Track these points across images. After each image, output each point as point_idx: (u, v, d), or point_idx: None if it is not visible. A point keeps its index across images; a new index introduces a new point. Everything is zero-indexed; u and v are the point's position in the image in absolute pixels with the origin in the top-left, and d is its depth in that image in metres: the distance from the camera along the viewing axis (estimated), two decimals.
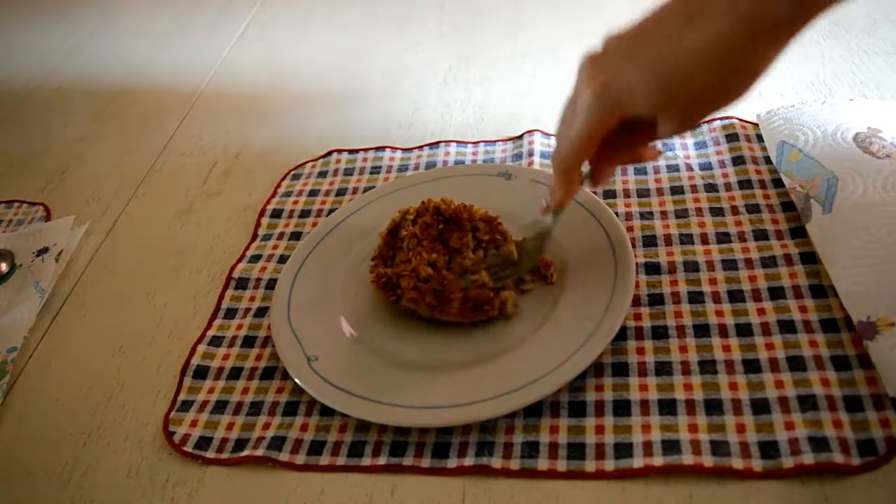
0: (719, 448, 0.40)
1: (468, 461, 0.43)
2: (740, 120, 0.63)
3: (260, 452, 0.45)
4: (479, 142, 0.69)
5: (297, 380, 0.48)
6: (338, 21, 0.99)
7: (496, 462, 0.42)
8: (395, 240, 0.54)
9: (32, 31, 1.15)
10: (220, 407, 0.49)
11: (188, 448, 0.47)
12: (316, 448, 0.46)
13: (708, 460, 0.40)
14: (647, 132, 0.40)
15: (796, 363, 0.43)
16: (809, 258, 0.49)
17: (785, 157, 0.54)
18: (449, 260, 0.52)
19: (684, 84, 0.36)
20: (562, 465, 0.41)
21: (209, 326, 0.56)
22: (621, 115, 0.39)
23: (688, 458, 0.40)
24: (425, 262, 0.50)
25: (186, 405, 0.50)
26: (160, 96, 0.91)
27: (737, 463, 0.39)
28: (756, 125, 0.62)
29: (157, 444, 0.49)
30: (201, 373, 0.52)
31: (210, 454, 0.47)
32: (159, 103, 0.89)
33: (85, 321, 0.61)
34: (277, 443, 0.46)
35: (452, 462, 0.43)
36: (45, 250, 0.67)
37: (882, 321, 0.42)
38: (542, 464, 0.42)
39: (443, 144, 0.69)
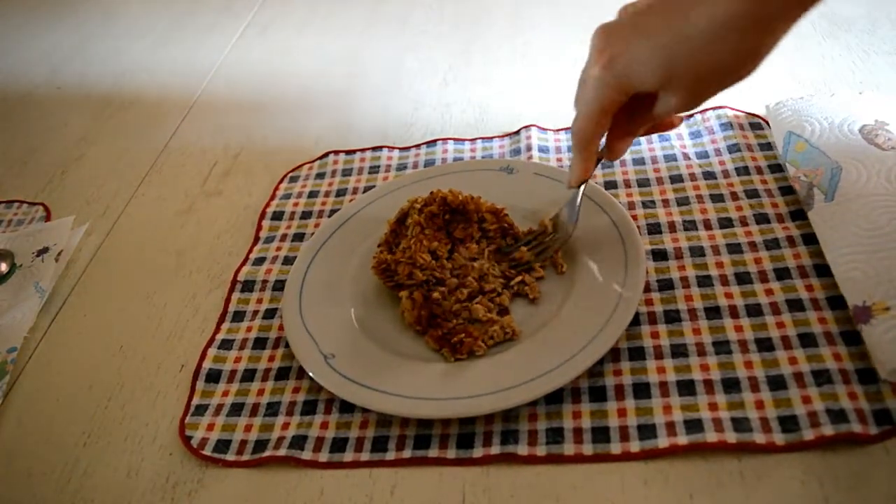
0: (741, 424, 0.41)
1: (494, 450, 0.43)
2: (733, 109, 0.64)
3: (282, 452, 0.45)
4: (476, 139, 0.70)
5: (317, 379, 0.48)
6: (338, 21, 0.99)
7: (522, 449, 0.43)
8: (401, 228, 0.54)
9: (32, 31, 1.14)
10: (237, 409, 0.49)
11: (207, 451, 0.47)
12: (339, 445, 0.45)
13: (731, 437, 0.40)
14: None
15: (807, 340, 0.45)
16: (811, 239, 0.50)
17: (791, 146, 0.55)
18: (451, 250, 0.52)
19: (689, 61, 0.36)
20: (588, 448, 0.42)
21: (218, 330, 0.55)
22: (628, 90, 0.39)
23: (711, 436, 0.41)
24: (425, 249, 0.51)
25: (201, 409, 0.50)
26: (160, 96, 0.90)
27: (759, 438, 0.40)
28: (749, 114, 0.63)
29: (157, 444, 0.48)
30: (213, 376, 0.52)
31: (230, 457, 0.46)
32: (159, 103, 0.88)
33: (85, 321, 0.60)
34: (299, 442, 0.46)
35: (478, 452, 0.43)
36: (45, 250, 0.66)
37: (877, 306, 0.43)
38: (568, 448, 0.42)
39: (440, 142, 0.70)
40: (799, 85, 0.67)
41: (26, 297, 0.62)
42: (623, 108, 0.41)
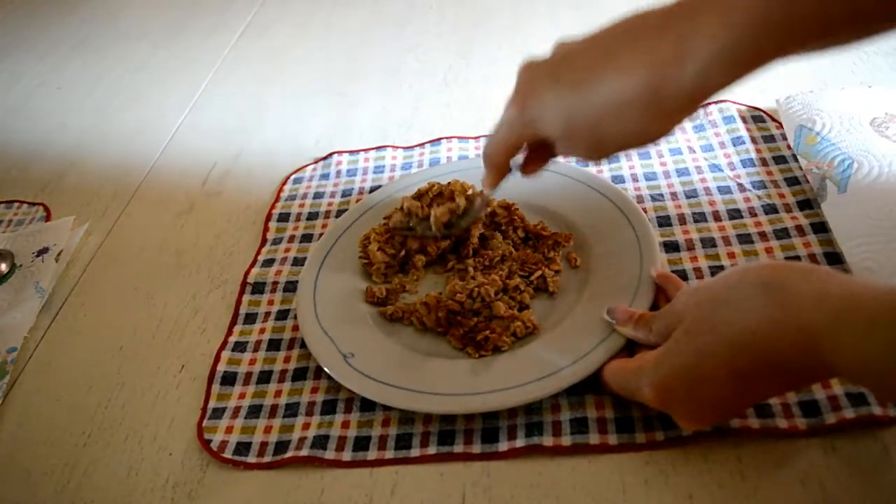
0: (763, 411, 0.42)
1: (519, 443, 0.43)
2: (735, 102, 0.65)
3: (304, 453, 0.45)
4: (480, 136, 0.70)
5: (338, 379, 0.47)
6: (338, 21, 0.99)
7: (547, 440, 0.43)
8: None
9: (33, 30, 1.13)
10: (255, 411, 0.49)
11: (227, 455, 0.46)
12: (362, 444, 0.45)
13: (754, 423, 0.41)
14: None
15: None
16: (820, 228, 0.51)
17: (803, 139, 0.56)
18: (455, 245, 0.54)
19: (587, 123, 0.37)
20: (613, 438, 0.42)
21: (230, 332, 0.55)
22: (536, 135, 0.41)
23: (735, 422, 0.41)
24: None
25: (218, 412, 0.49)
26: (160, 96, 0.90)
27: (781, 423, 0.41)
28: (751, 107, 0.64)
29: (157, 444, 0.48)
30: (229, 379, 0.51)
31: (251, 459, 0.46)
32: (159, 103, 0.88)
33: (85, 321, 0.60)
34: (321, 441, 0.45)
35: (503, 445, 0.43)
36: (45, 250, 0.66)
37: None
38: (594, 438, 0.42)
39: (444, 141, 0.70)
40: (800, 85, 0.66)
41: (26, 297, 0.61)
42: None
